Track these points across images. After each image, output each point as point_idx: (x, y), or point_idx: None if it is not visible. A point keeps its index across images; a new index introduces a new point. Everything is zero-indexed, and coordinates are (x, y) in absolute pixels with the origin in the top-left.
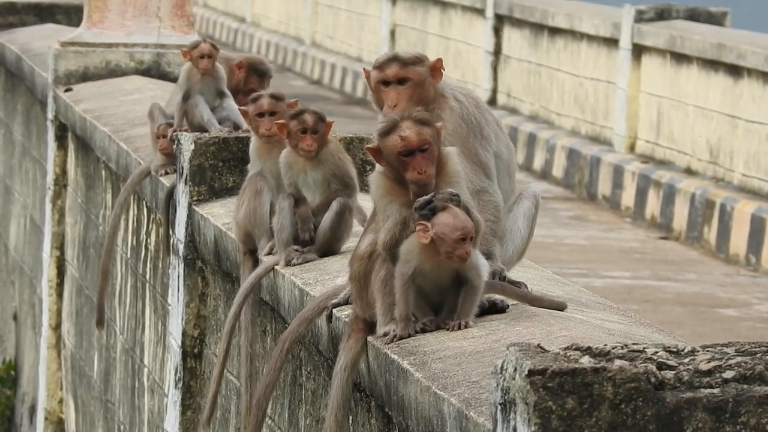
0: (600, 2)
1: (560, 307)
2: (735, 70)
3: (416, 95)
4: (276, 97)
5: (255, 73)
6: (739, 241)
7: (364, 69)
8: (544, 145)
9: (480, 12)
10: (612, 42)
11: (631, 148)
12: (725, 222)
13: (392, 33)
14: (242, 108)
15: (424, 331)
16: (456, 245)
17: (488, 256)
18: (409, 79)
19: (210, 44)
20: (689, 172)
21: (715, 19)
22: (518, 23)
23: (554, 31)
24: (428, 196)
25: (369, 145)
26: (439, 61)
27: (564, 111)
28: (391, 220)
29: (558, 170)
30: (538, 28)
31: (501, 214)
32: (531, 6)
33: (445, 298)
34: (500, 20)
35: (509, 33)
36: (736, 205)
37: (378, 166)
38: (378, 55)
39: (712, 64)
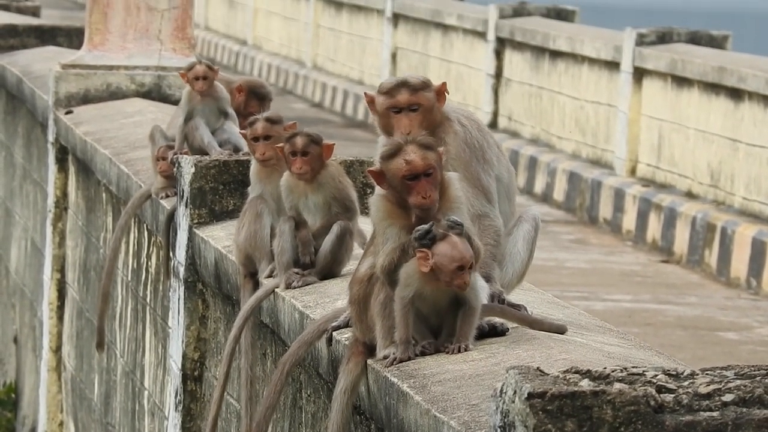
0: (601, 25)
1: (560, 330)
2: (736, 94)
3: (426, 121)
4: (272, 121)
5: (255, 97)
6: (740, 265)
7: (365, 93)
8: (545, 169)
9: (481, 35)
10: (613, 65)
11: (632, 172)
12: (726, 245)
13: (393, 56)
14: (242, 131)
15: (423, 354)
16: (454, 275)
17: (487, 278)
18: (420, 105)
19: (206, 65)
20: (690, 195)
21: (716, 43)
22: (519, 46)
23: (555, 54)
24: (428, 225)
25: (371, 168)
26: (444, 85)
27: (565, 134)
28: (389, 243)
29: (559, 193)
30: (540, 51)
31: (501, 239)
32: (532, 29)
33: (443, 320)
34: (501, 43)
35: (510, 56)
36: (737, 228)
37: (378, 189)
38: (380, 78)
39: (713, 88)
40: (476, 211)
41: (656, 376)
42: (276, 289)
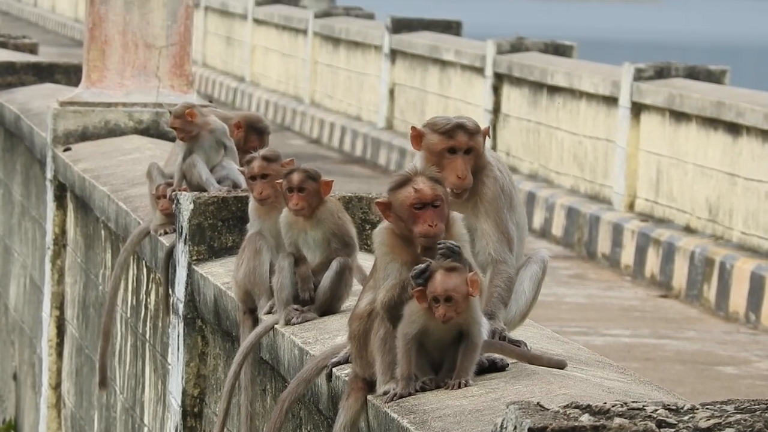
0: (599, 60)
1: (559, 365)
2: (734, 128)
3: (475, 165)
4: (268, 159)
5: (254, 131)
6: (738, 299)
7: (413, 128)
8: (544, 204)
9: (479, 71)
10: (611, 100)
11: (631, 207)
12: (725, 280)
13: (391, 92)
14: (241, 168)
15: (423, 389)
16: (439, 305)
17: (491, 316)
18: (474, 149)
19: (185, 108)
20: (688, 230)
21: (714, 78)
22: (517, 82)
23: (553, 90)
24: (425, 265)
25: (378, 199)
26: (487, 129)
27: (563, 169)
28: (390, 279)
29: (557, 229)
30: (537, 86)
31: (512, 286)
32: (530, 64)
33: (444, 356)
34: (499, 79)
35: (508, 92)
36: (735, 263)
37: (383, 222)
38: (377, 114)
39: (711, 122)
40: (497, 256)
41: (656, 410)
42: (275, 326)
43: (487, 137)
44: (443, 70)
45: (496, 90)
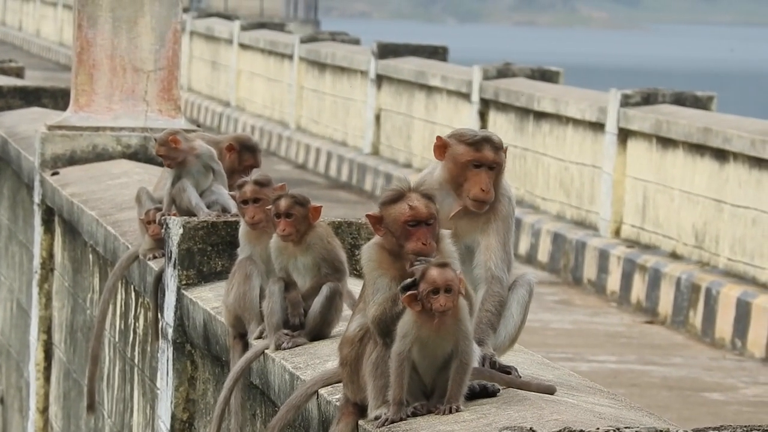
0: (586, 86)
1: (549, 390)
2: (721, 155)
3: (497, 181)
4: (260, 183)
5: (247, 151)
6: (724, 326)
7: (438, 137)
8: (530, 230)
9: (465, 96)
10: (598, 126)
11: (617, 233)
12: (711, 306)
13: (377, 117)
14: (232, 193)
15: (415, 415)
16: (438, 297)
17: (480, 342)
18: (499, 165)
19: (169, 134)
20: (675, 256)
21: (701, 104)
22: (504, 107)
23: (540, 116)
24: (412, 279)
25: (370, 213)
26: (506, 148)
27: (549, 195)
28: (380, 294)
29: (543, 255)
30: (524, 112)
31: (502, 310)
32: (516, 90)
33: (436, 381)
34: (486, 104)
35: (495, 117)
36: (721, 289)
37: (373, 238)
38: (363, 140)
39: (698, 149)
40: (496, 271)
41: None
42: (266, 351)
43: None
44: (429, 96)
45: (483, 115)
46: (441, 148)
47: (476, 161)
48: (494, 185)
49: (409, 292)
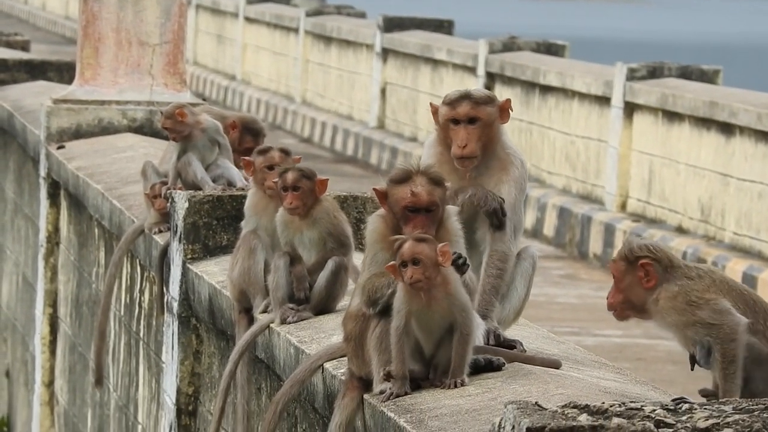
0: (591, 60)
1: (554, 364)
2: (727, 128)
3: (484, 136)
4: (286, 152)
5: (249, 133)
6: None
7: (431, 104)
8: (535, 204)
9: (471, 70)
10: (604, 100)
11: (623, 207)
12: None
13: (383, 91)
14: (248, 159)
15: (419, 387)
16: (406, 269)
17: (484, 316)
18: (480, 119)
19: (176, 106)
20: (680, 230)
21: (707, 77)
22: (509, 81)
23: (546, 89)
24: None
25: (376, 187)
26: (508, 101)
27: (555, 169)
28: (374, 267)
29: (549, 229)
30: (530, 86)
31: (507, 265)
32: (522, 64)
33: (438, 354)
34: (491, 78)
35: (500, 91)
36: (727, 263)
37: (380, 210)
38: (369, 114)
39: (704, 122)
40: (497, 234)
41: (655, 410)
42: (271, 325)
43: (509, 110)
44: (435, 70)
45: (488, 89)
46: (435, 114)
47: (452, 119)
48: (487, 142)
49: (390, 263)
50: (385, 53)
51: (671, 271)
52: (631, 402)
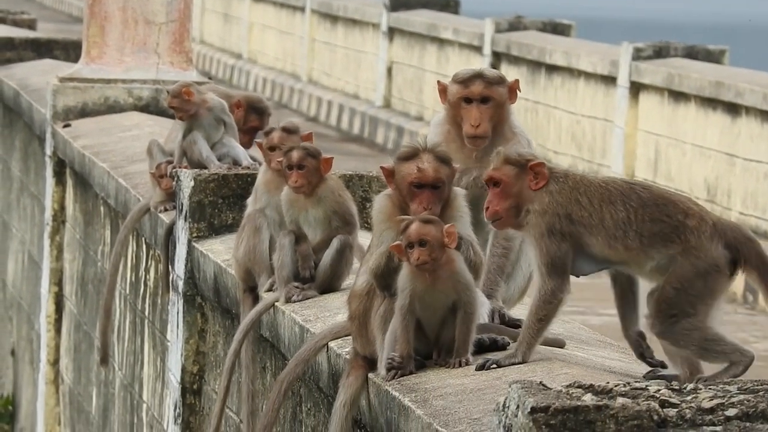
0: (597, 40)
1: (558, 344)
2: (733, 108)
3: (496, 115)
4: (288, 131)
5: (254, 112)
6: (736, 280)
7: (438, 82)
8: None
9: (477, 49)
10: (610, 80)
11: None
12: None
13: (389, 70)
14: (258, 141)
15: (423, 367)
16: (413, 250)
17: (489, 295)
18: (492, 98)
19: (182, 85)
20: None
21: (713, 57)
22: (515, 60)
23: (552, 69)
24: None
25: (383, 165)
26: (516, 82)
27: (561, 149)
28: (383, 247)
29: None
30: (536, 65)
31: (513, 243)
32: (528, 43)
33: (442, 334)
34: (497, 57)
35: (506, 70)
36: None
37: (387, 190)
38: (375, 92)
39: (710, 102)
40: None
41: (659, 390)
42: (276, 303)
43: (516, 91)
44: (441, 49)
45: (495, 68)
46: (442, 92)
47: (465, 97)
48: (497, 123)
49: (396, 243)
50: (392, 32)
51: (553, 179)
52: (636, 382)
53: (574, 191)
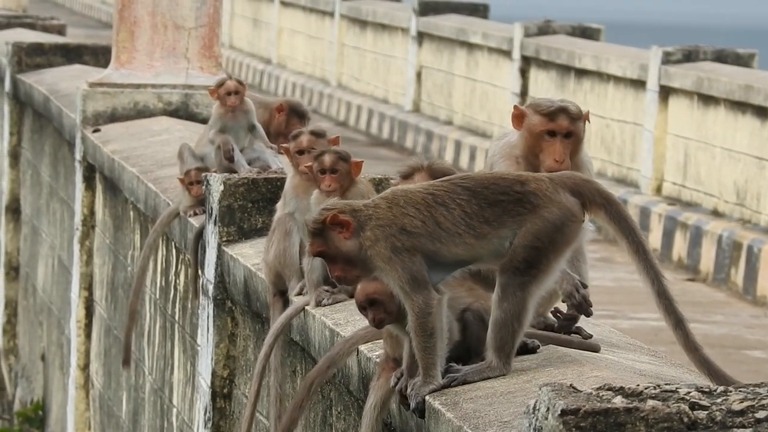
0: (626, 44)
1: (593, 348)
2: (763, 112)
3: (575, 150)
4: (316, 134)
5: (295, 115)
6: (766, 283)
7: (515, 106)
8: None
9: (506, 54)
10: (639, 84)
11: (658, 190)
12: (752, 264)
13: (418, 75)
14: (285, 146)
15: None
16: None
17: None
18: (575, 134)
19: (236, 81)
20: (716, 213)
21: (742, 61)
22: (545, 65)
23: (581, 73)
24: None
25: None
26: (587, 114)
27: (590, 153)
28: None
29: None
30: (565, 69)
31: None
32: (557, 47)
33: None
34: (527, 62)
35: (536, 75)
36: (763, 246)
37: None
38: (404, 97)
39: (739, 106)
40: None
41: (689, 393)
42: (306, 307)
43: (587, 122)
44: (470, 53)
45: (524, 73)
46: (518, 117)
47: (550, 131)
48: (572, 155)
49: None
50: (421, 37)
51: (357, 215)
52: (666, 384)
53: (394, 207)
